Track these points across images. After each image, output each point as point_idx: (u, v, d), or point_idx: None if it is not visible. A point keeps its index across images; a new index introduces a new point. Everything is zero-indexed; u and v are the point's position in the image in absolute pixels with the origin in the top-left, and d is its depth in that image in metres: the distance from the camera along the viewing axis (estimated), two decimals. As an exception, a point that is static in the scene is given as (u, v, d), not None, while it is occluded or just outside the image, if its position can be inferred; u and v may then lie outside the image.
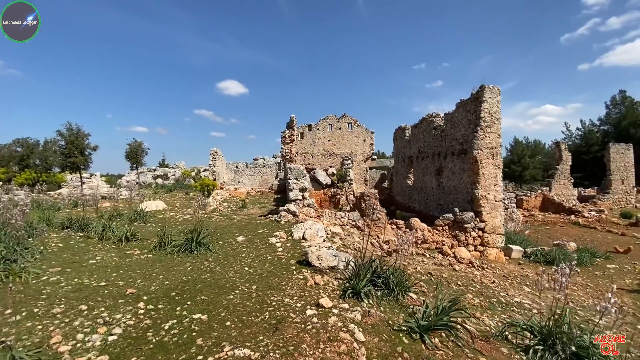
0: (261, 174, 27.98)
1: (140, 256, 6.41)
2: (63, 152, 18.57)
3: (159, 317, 3.79)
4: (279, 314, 3.84)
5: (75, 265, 5.61)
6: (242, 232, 8.62)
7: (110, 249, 6.86)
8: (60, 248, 6.76)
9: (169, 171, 40.05)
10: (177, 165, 44.48)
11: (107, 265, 5.72)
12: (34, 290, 4.49)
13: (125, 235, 7.50)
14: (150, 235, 8.25)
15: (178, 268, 5.61)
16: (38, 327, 3.47)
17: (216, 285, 4.83)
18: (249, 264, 5.91)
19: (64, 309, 3.91)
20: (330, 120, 26.49)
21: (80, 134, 18.92)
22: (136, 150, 21.62)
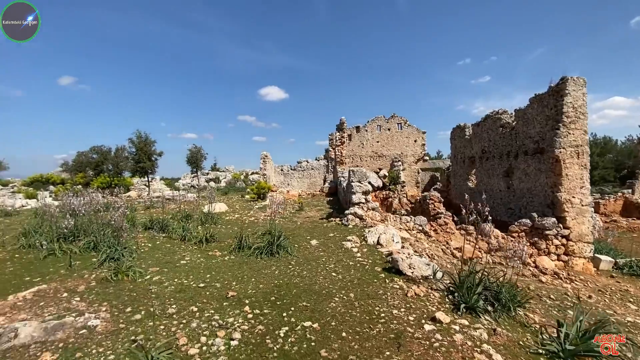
0: (309, 177, 28.17)
1: (224, 258, 6.55)
2: (133, 158, 20.17)
3: (269, 322, 3.73)
4: (394, 327, 3.58)
5: (170, 266, 5.86)
6: (313, 235, 8.54)
7: (193, 250, 7.12)
8: (150, 248, 7.16)
9: (220, 174, 42.06)
10: (227, 168, 46.59)
11: (198, 267, 5.90)
12: (142, 289, 4.71)
13: (205, 237, 7.77)
14: (225, 237, 8.48)
15: (265, 271, 5.61)
16: (160, 328, 3.57)
17: (311, 290, 4.71)
18: (333, 269, 5.75)
19: (177, 310, 4.01)
20: (378, 121, 25.93)
21: (147, 141, 20.44)
22: (196, 155, 22.88)
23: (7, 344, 3.14)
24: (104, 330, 3.47)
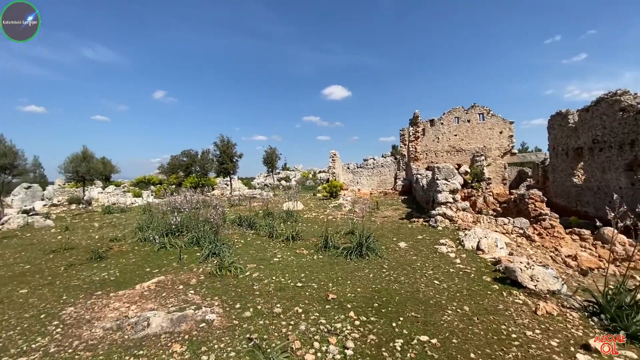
0: (379, 174, 27.41)
1: (312, 257, 6.51)
2: (218, 160, 22.03)
3: (380, 332, 3.46)
4: (534, 352, 2.99)
5: (265, 263, 6.02)
6: (399, 237, 8.07)
7: (282, 248, 7.26)
8: (243, 244, 7.52)
9: (290, 173, 43.73)
10: (296, 168, 48.24)
11: (290, 265, 5.94)
12: (245, 285, 4.87)
13: (291, 235, 7.90)
14: (308, 235, 8.51)
15: (359, 274, 5.38)
16: (271, 327, 3.57)
17: (415, 299, 4.31)
18: (434, 276, 5.23)
19: (283, 310, 4.00)
20: (456, 112, 23.88)
21: (229, 144, 22.11)
22: (271, 156, 24.05)
23: (142, 332, 3.44)
24: (220, 326, 3.60)
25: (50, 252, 6.95)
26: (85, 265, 5.97)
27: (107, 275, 5.34)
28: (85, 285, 4.89)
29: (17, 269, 5.85)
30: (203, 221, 8.54)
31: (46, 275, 5.48)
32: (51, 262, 6.22)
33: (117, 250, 6.94)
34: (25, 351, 3.11)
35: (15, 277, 5.38)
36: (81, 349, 3.14)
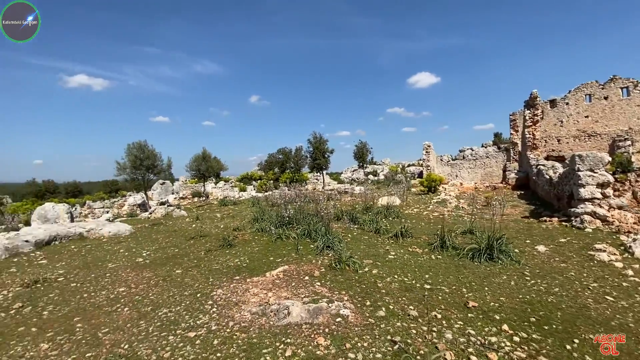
0: (483, 166, 24.53)
1: (430, 256, 6.02)
2: (311, 156, 22.93)
3: (552, 355, 2.85)
4: None
5: (380, 259, 5.80)
6: (533, 239, 6.90)
7: (391, 244, 6.94)
8: (351, 239, 7.46)
9: (377, 168, 42.93)
10: (383, 162, 47.10)
11: (407, 264, 5.58)
12: (367, 281, 4.73)
13: (400, 232, 7.52)
14: (418, 232, 7.98)
15: (495, 280, 4.69)
16: (412, 332, 3.31)
17: (587, 317, 3.48)
18: (600, 289, 4.21)
19: (419, 313, 3.69)
20: (587, 88, 19.56)
21: (322, 140, 22.75)
22: (362, 150, 23.92)
23: (284, 320, 3.57)
24: (356, 322, 3.51)
25: (189, 238, 8.12)
26: (219, 251, 6.74)
27: (239, 262, 5.89)
28: (225, 270, 5.47)
29: (169, 252, 6.96)
30: (311, 214, 8.85)
31: (192, 258, 6.36)
32: (193, 247, 7.22)
33: (241, 239, 7.67)
34: (192, 326, 3.55)
35: (169, 259, 6.39)
36: (236, 330, 3.42)
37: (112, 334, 3.43)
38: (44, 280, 5.19)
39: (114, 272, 5.63)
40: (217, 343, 3.18)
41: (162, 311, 3.93)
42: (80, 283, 5.10)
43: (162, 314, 3.85)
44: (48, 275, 5.43)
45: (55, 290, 4.78)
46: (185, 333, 3.39)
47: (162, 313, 3.88)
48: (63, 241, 8.19)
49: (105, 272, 5.65)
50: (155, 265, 5.94)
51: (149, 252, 6.98)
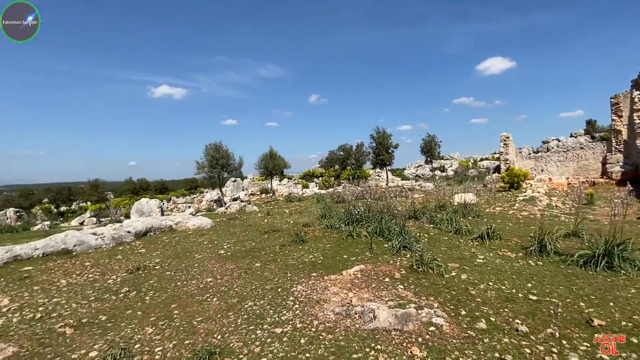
0: (576, 159, 21.16)
1: (527, 262, 5.24)
2: (374, 152, 22.35)
3: None
4: None
5: (468, 263, 5.22)
6: (666, 245, 5.58)
7: (477, 247, 6.25)
8: (428, 239, 6.92)
9: (445, 163, 40.20)
10: (451, 156, 43.96)
11: (501, 269, 4.92)
12: (457, 287, 4.26)
13: (486, 233, 6.74)
14: (504, 234, 7.07)
15: (621, 294, 3.84)
16: (525, 351, 2.81)
17: None
18: None
19: (529, 329, 3.15)
20: None
21: (385, 135, 22.01)
22: (430, 144, 22.53)
23: (371, 324, 3.35)
24: (453, 334, 3.12)
25: (264, 232, 8.42)
26: (293, 246, 6.81)
27: (314, 258, 5.85)
28: (301, 266, 5.47)
29: (247, 245, 7.28)
30: (381, 212, 8.49)
31: (268, 252, 6.54)
32: (268, 242, 7.45)
33: (312, 235, 7.68)
34: (277, 322, 3.54)
35: (248, 252, 6.66)
36: (322, 330, 3.31)
37: (205, 323, 3.60)
38: (144, 267, 5.80)
39: (200, 262, 6.04)
40: (304, 342, 3.10)
41: (248, 304, 4.03)
42: (174, 272, 5.57)
43: (247, 307, 3.94)
44: (147, 263, 6.05)
45: (154, 278, 5.28)
46: (271, 328, 3.39)
47: (248, 306, 3.97)
48: (156, 232, 9.17)
49: (193, 262, 6.10)
50: (236, 258, 6.23)
51: (229, 244, 7.39)
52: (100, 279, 5.30)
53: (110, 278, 5.34)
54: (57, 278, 5.44)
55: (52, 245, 7.06)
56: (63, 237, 7.37)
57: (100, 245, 7.61)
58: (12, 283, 5.25)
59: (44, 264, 6.32)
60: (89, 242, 7.51)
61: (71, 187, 30.59)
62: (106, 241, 7.79)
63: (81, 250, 7.26)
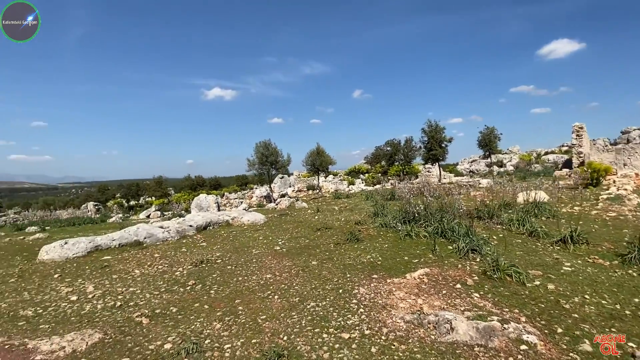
0: (672, 152, 18.04)
1: (629, 272, 4.45)
2: (426, 146, 21.25)
3: None
4: None
5: (552, 271, 4.58)
6: None
7: (561, 252, 5.49)
8: (497, 241, 6.28)
9: (503, 157, 37.05)
10: (510, 150, 40.37)
11: (596, 280, 4.23)
12: (546, 299, 3.72)
13: (569, 236, 5.90)
14: (592, 238, 6.14)
15: None
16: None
17: None
18: None
19: (654, 358, 2.59)
20: None
21: (437, 128, 20.79)
22: (489, 137, 20.82)
23: (448, 336, 3.02)
24: (550, 355, 2.68)
25: (316, 229, 8.35)
26: (348, 245, 6.62)
27: (372, 259, 5.59)
28: (359, 266, 5.25)
29: (301, 242, 7.25)
30: (439, 210, 7.94)
31: (323, 250, 6.42)
32: (321, 239, 7.35)
33: (366, 233, 7.42)
34: (343, 326, 3.37)
35: (303, 249, 6.61)
36: (393, 339, 3.06)
37: (270, 322, 3.55)
38: (207, 261, 6.02)
39: (258, 258, 6.12)
40: (375, 351, 2.89)
41: (310, 304, 3.92)
42: (234, 266, 5.70)
43: (310, 307, 3.83)
44: (209, 257, 6.28)
45: (217, 272, 5.44)
46: (338, 333, 3.23)
47: (310, 306, 3.86)
48: (215, 227, 9.59)
49: (251, 257, 6.20)
50: (292, 255, 6.20)
51: (284, 241, 7.42)
52: (168, 271, 5.60)
53: (177, 270, 5.62)
54: (132, 268, 5.87)
55: (126, 237, 7.70)
56: (135, 229, 8.00)
57: (166, 238, 8.13)
58: (95, 271, 5.77)
59: (120, 254, 6.89)
60: (157, 234, 8.06)
61: (139, 183, 33.87)
62: (172, 234, 8.30)
63: (150, 242, 7.81)
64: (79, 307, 4.17)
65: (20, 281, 5.41)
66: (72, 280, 5.28)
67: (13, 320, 3.86)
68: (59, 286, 5.02)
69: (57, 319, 3.84)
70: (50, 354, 2.98)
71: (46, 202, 30.67)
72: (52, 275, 5.61)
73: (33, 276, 5.68)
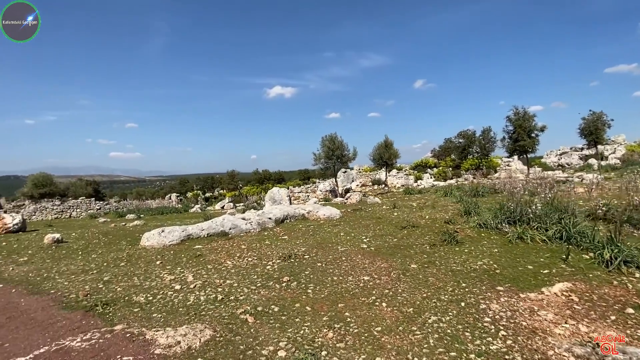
0: None
1: None
2: (510, 137, 18.83)
3: None
4: None
5: None
6: None
7: None
8: None
9: (603, 148, 31.43)
10: (613, 140, 34.12)
11: None
12: None
13: None
14: None
15: None
16: None
17: None
18: None
19: None
20: None
21: (526, 116, 18.23)
22: (595, 124, 17.59)
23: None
24: None
25: (400, 227, 7.66)
26: (446, 247, 5.83)
27: (485, 266, 4.75)
28: (472, 274, 4.48)
29: (388, 240, 6.65)
30: (556, 209, 6.64)
31: (417, 251, 5.74)
32: (410, 238, 6.66)
33: (463, 234, 6.51)
34: (487, 353, 2.71)
35: (394, 249, 6.02)
36: (567, 380, 2.32)
37: (389, 337, 3.05)
38: (294, 256, 5.79)
39: (347, 256, 5.70)
40: (549, 396, 2.19)
41: (430, 318, 3.32)
42: (324, 263, 5.35)
43: (432, 322, 3.24)
44: (294, 251, 6.05)
45: (308, 268, 5.14)
46: (484, 362, 2.59)
47: (432, 321, 3.27)
48: (291, 220, 9.51)
49: (339, 255, 5.80)
50: (383, 255, 5.65)
51: (368, 238, 6.91)
52: (259, 264, 5.48)
53: (267, 264, 5.47)
54: (223, 259, 5.91)
55: (213, 227, 7.95)
56: (221, 220, 8.24)
57: (249, 230, 8.23)
58: (191, 260, 5.94)
59: (209, 244, 7.09)
60: (241, 226, 8.20)
61: (213, 176, 36.68)
62: (253, 226, 8.38)
63: (235, 233, 7.96)
64: (183, 297, 4.18)
65: (129, 265, 5.80)
66: (172, 268, 5.46)
67: (128, 305, 3.99)
68: (162, 273, 5.21)
69: (166, 308, 3.86)
70: (168, 349, 2.89)
71: (138, 192, 34.96)
72: (154, 262, 5.91)
73: (139, 261, 6.06)
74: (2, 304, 4.21)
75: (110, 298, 4.23)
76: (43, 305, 4.09)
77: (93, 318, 3.66)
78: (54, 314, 3.79)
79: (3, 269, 5.97)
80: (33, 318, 3.72)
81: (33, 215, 20.76)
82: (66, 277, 5.23)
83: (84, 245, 7.71)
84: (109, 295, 4.33)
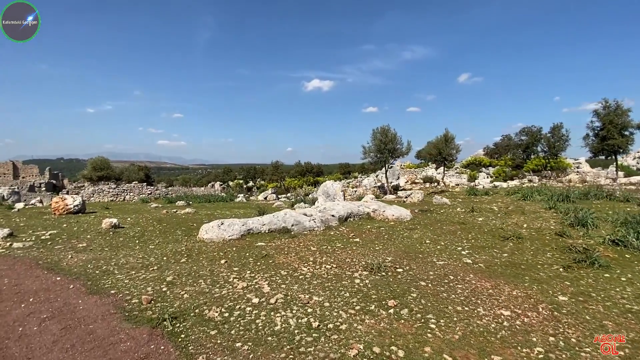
0: None
1: None
2: (597, 134, 16.20)
3: None
4: None
5: None
6: None
7: None
8: None
9: (701, 154, 26.77)
10: None
11: None
12: None
13: None
14: None
15: None
16: None
17: None
18: None
19: None
20: None
21: (618, 111, 15.52)
22: None
23: None
24: None
25: (501, 238, 6.30)
26: (587, 270, 4.43)
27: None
28: (673, 322, 3.10)
29: (496, 255, 5.35)
30: None
31: (551, 275, 4.39)
32: (525, 254, 5.31)
33: (604, 254, 5.02)
34: None
35: (511, 268, 4.72)
36: None
37: None
38: (383, 267, 4.69)
39: (453, 274, 4.50)
40: None
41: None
42: (428, 282, 4.21)
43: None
44: (380, 261, 4.93)
45: (411, 288, 4.03)
46: None
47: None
48: (355, 219, 8.44)
49: (440, 271, 4.62)
50: (503, 276, 4.38)
51: (466, 250, 5.64)
52: (342, 275, 4.47)
53: (353, 275, 4.44)
54: (296, 263, 4.98)
55: (275, 223, 7.10)
56: (283, 215, 7.37)
57: (312, 227, 7.29)
58: (258, 261, 5.08)
59: (272, 242, 6.24)
60: (304, 223, 7.28)
61: (255, 167, 36.82)
62: (317, 223, 7.43)
63: (298, 231, 7.06)
64: (267, 317, 3.26)
65: (190, 263, 5.06)
66: (241, 271, 4.62)
67: (201, 323, 3.15)
68: (230, 277, 4.38)
69: (250, 334, 2.96)
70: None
71: (184, 179, 35.98)
72: (218, 260, 5.13)
73: (200, 257, 5.32)
74: (58, 305, 3.57)
75: (178, 309, 3.44)
76: (103, 311, 3.39)
77: (163, 340, 2.84)
78: (115, 328, 3.04)
79: (62, 255, 5.52)
80: (92, 332, 2.99)
81: (92, 197, 21.74)
82: (126, 273, 4.58)
83: (140, 233, 7.22)
84: (176, 305, 3.55)
